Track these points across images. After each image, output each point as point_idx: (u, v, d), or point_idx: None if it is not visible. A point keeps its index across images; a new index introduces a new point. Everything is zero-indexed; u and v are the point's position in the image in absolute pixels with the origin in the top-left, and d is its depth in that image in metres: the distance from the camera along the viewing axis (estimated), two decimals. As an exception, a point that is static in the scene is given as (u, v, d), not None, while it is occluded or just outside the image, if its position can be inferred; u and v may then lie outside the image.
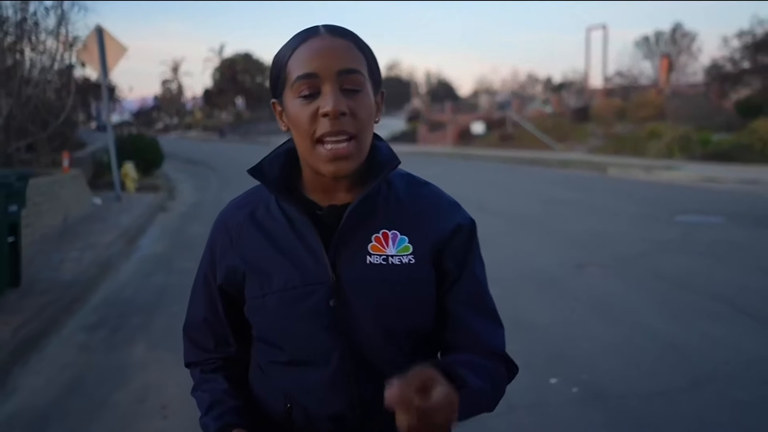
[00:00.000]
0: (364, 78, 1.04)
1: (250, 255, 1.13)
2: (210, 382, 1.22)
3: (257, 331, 1.16)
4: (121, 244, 7.95)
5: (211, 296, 1.21)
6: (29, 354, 4.39)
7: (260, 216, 1.15)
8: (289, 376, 1.12)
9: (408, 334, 1.10)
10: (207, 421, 1.15)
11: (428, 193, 1.17)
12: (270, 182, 1.11)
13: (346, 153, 1.01)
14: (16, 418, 3.48)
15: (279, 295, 1.09)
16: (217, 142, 47.50)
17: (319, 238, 1.07)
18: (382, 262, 1.08)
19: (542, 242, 7.71)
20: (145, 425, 3.34)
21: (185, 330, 1.28)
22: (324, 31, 1.05)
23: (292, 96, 1.04)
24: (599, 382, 3.58)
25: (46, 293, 5.56)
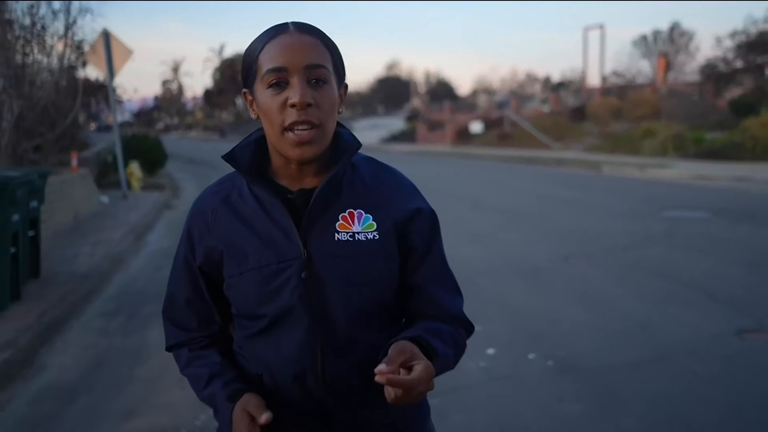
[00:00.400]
0: (328, 72, 1.14)
1: (226, 237, 1.20)
2: (203, 357, 1.28)
3: (235, 307, 1.23)
4: (131, 240, 8.33)
5: (193, 278, 1.27)
6: (53, 337, 4.76)
7: (234, 201, 1.22)
8: (262, 345, 1.20)
9: (371, 305, 1.19)
10: (212, 392, 1.21)
11: (390, 176, 1.27)
12: (242, 168, 1.19)
13: (310, 139, 1.10)
14: (47, 390, 3.85)
15: (255, 272, 1.16)
16: (218, 142, 47.82)
17: (290, 218, 1.15)
18: (349, 238, 1.17)
19: (533, 236, 8.07)
20: (164, 396, 3.71)
21: (166, 314, 1.33)
22: (293, 28, 1.14)
23: (262, 87, 1.13)
24: (573, 357, 3.96)
25: (64, 284, 5.93)
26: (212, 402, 1.23)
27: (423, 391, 1.03)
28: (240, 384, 1.20)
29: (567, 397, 3.44)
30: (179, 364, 1.32)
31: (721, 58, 26.21)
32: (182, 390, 3.76)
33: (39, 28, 11.68)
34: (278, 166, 1.20)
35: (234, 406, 1.15)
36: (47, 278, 6.06)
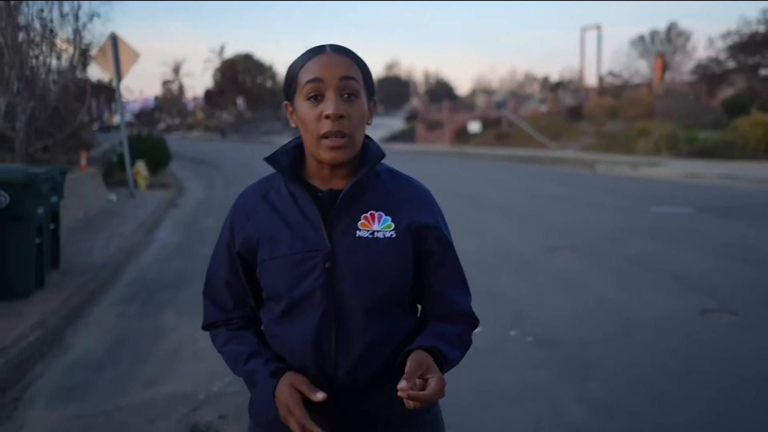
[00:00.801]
0: (359, 86, 1.29)
1: (262, 227, 1.35)
2: (240, 337, 1.42)
3: (265, 290, 1.38)
4: (141, 235, 8.75)
5: (233, 263, 1.41)
6: (77, 320, 5.18)
7: (272, 197, 1.38)
8: (284, 326, 1.34)
9: (384, 297, 1.32)
10: (252, 368, 1.34)
11: (409, 185, 1.42)
12: (281, 168, 1.36)
13: (342, 145, 1.26)
14: (76, 365, 4.27)
15: (285, 258, 1.31)
16: (219, 142, 48.21)
17: (319, 214, 1.30)
18: (368, 235, 1.30)
19: (523, 230, 8.50)
20: (181, 368, 4.14)
21: (206, 293, 1.49)
22: (329, 49, 1.30)
23: (301, 99, 1.29)
24: (550, 334, 4.39)
25: (82, 274, 6.36)
26: (251, 378, 1.35)
27: (437, 399, 1.19)
28: (280, 363, 1.33)
29: (542, 367, 3.87)
30: (216, 342, 1.47)
31: (713, 58, 26.63)
32: (197, 363, 4.20)
33: (48, 32, 12.13)
34: (312, 168, 1.36)
35: (277, 383, 1.27)
36: (66, 269, 6.48)
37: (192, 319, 5.11)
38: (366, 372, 1.31)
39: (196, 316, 4.91)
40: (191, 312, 5.29)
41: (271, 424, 1.31)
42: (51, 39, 12.12)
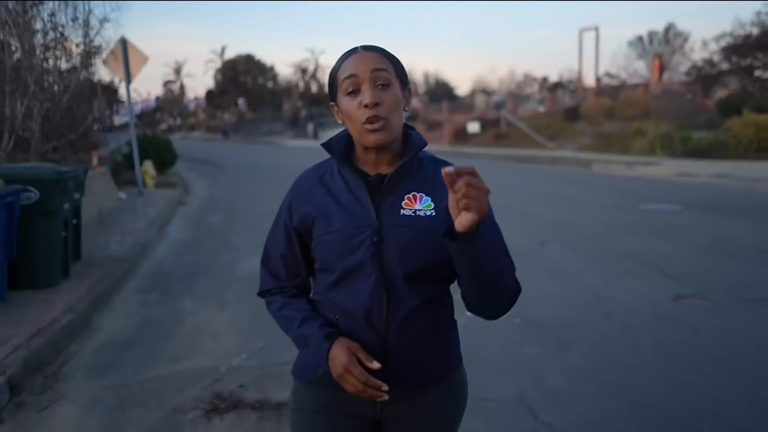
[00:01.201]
0: (391, 76, 1.45)
1: (318, 205, 1.51)
2: (294, 304, 1.58)
3: (319, 262, 1.53)
4: (153, 231, 9.18)
5: (289, 238, 1.58)
6: (102, 307, 5.62)
7: (326, 180, 1.55)
8: (339, 292, 1.49)
9: (424, 266, 1.46)
10: (306, 331, 1.49)
11: (445, 165, 1.49)
12: (335, 154, 1.53)
13: (380, 128, 1.41)
14: (105, 345, 4.70)
15: (338, 233, 1.46)
16: (221, 142, 48.61)
17: (368, 195, 1.47)
18: (411, 213, 1.46)
19: (516, 225, 8.92)
20: (202, 346, 4.57)
21: (264, 263, 1.65)
22: (361, 48, 1.48)
23: (342, 95, 1.46)
24: (537, 317, 4.82)
25: (103, 265, 6.79)
26: (304, 340, 1.50)
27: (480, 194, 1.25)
28: (333, 328, 1.47)
29: (527, 344, 4.30)
30: (271, 308, 1.63)
31: (707, 60, 27.08)
32: (216, 343, 4.63)
33: (59, 35, 12.55)
34: (361, 155, 1.53)
35: (331, 345, 1.43)
36: (86, 261, 6.90)
37: (208, 306, 5.55)
38: (410, 331, 1.46)
39: (211, 304, 5.37)
40: (207, 300, 5.73)
41: (320, 380, 1.49)
42: (62, 42, 12.57)
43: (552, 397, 3.50)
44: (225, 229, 9.79)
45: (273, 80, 69.48)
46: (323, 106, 60.36)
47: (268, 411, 3.47)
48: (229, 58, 69.62)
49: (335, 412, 1.55)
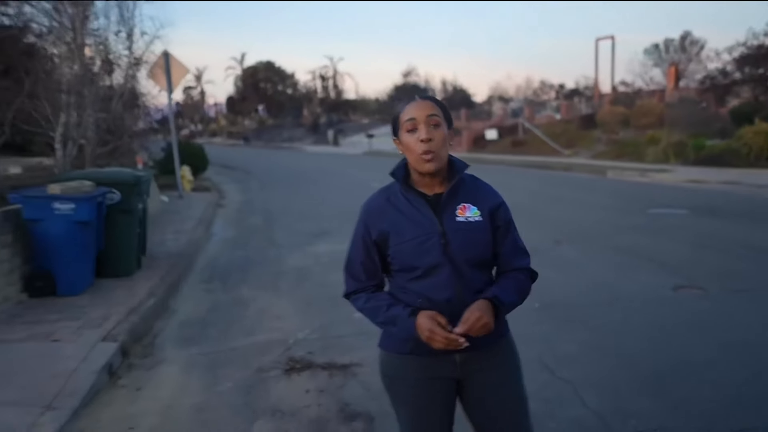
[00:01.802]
0: (440, 119, 1.94)
1: (391, 221, 1.97)
2: (377, 297, 2.04)
3: (398, 265, 1.98)
4: (201, 231, 10.08)
5: (367, 248, 2.02)
6: (175, 293, 6.49)
7: (392, 200, 2.00)
8: (421, 284, 1.96)
9: (478, 258, 1.98)
10: (393, 313, 1.95)
11: (484, 185, 2.09)
12: (399, 180, 2.00)
13: (432, 158, 1.91)
14: (185, 323, 5.56)
15: (411, 241, 1.94)
16: (243, 147, 49.65)
17: (430, 209, 1.96)
18: (464, 220, 1.96)
19: (531, 226, 9.64)
20: (269, 324, 5.41)
21: (347, 269, 2.09)
22: (418, 97, 1.98)
23: (403, 132, 1.95)
24: (553, 301, 5.61)
25: (167, 259, 7.67)
26: (393, 320, 1.95)
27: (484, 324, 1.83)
28: (412, 308, 1.93)
29: (544, 322, 5.10)
30: (357, 304, 2.07)
31: (721, 69, 27.64)
32: (281, 321, 5.48)
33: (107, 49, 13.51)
34: (418, 179, 2.01)
35: (416, 319, 1.88)
36: (151, 255, 7.78)
37: (265, 293, 6.41)
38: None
39: (268, 292, 6.26)
40: (263, 288, 6.59)
41: (412, 351, 1.98)
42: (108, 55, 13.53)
43: (565, 360, 4.30)
44: (265, 228, 10.66)
45: (293, 87, 70.58)
46: (342, 112, 61.35)
47: (336, 370, 4.30)
48: (250, 65, 70.86)
49: (422, 375, 2.01)
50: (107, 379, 4.24)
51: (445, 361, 1.99)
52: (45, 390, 3.86)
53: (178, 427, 3.61)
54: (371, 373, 4.16)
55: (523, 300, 2.05)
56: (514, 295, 2.00)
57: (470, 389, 2.06)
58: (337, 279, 5.15)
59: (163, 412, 3.79)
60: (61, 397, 3.78)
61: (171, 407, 3.86)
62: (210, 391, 4.07)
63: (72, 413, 3.64)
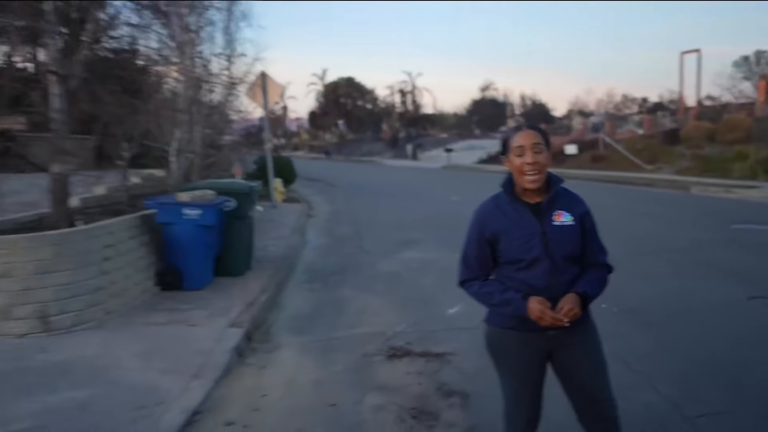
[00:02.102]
0: (543, 146, 2.51)
1: (501, 224, 2.55)
2: (490, 284, 2.61)
3: (506, 259, 2.55)
4: (297, 238, 10.91)
5: (481, 245, 2.60)
6: (281, 291, 7.25)
7: (501, 207, 2.58)
8: (526, 273, 2.51)
9: (570, 254, 2.52)
10: (507, 297, 2.51)
11: (575, 196, 2.64)
12: (507, 191, 2.58)
13: (536, 179, 2.49)
14: (295, 316, 6.28)
15: (518, 240, 2.50)
16: (325, 161, 51.14)
17: (533, 215, 2.52)
18: (560, 224, 2.52)
19: (615, 239, 9.94)
20: (369, 319, 6.06)
21: (464, 261, 2.66)
22: (525, 127, 2.57)
23: (513, 155, 2.52)
24: (632, 307, 6.01)
25: (271, 262, 8.49)
26: (507, 302, 2.51)
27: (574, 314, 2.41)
28: (523, 294, 2.49)
29: (621, 325, 5.53)
30: (471, 290, 2.65)
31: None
32: (379, 317, 6.12)
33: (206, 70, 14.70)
34: (521, 191, 2.58)
35: (527, 302, 2.45)
36: (257, 259, 8.60)
37: (362, 293, 7.07)
38: (566, 293, 2.48)
39: (365, 292, 6.99)
40: (360, 289, 7.26)
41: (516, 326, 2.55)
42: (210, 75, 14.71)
43: (640, 356, 4.74)
44: (355, 237, 11.39)
45: (372, 102, 72.01)
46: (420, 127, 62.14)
47: (432, 357, 4.90)
48: (331, 81, 72.77)
49: (521, 346, 2.60)
50: (237, 358, 4.97)
51: (539, 335, 2.57)
52: (190, 363, 4.64)
53: (301, 396, 4.29)
54: (464, 360, 4.77)
55: (603, 290, 2.61)
56: (597, 288, 2.58)
57: (560, 358, 2.64)
58: (426, 283, 6.11)
59: (286, 385, 4.48)
60: (203, 369, 4.54)
61: (293, 382, 4.55)
62: (324, 371, 4.75)
63: (214, 382, 4.39)
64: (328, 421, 3.88)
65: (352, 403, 4.13)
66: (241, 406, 4.12)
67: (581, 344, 2.63)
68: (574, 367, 2.63)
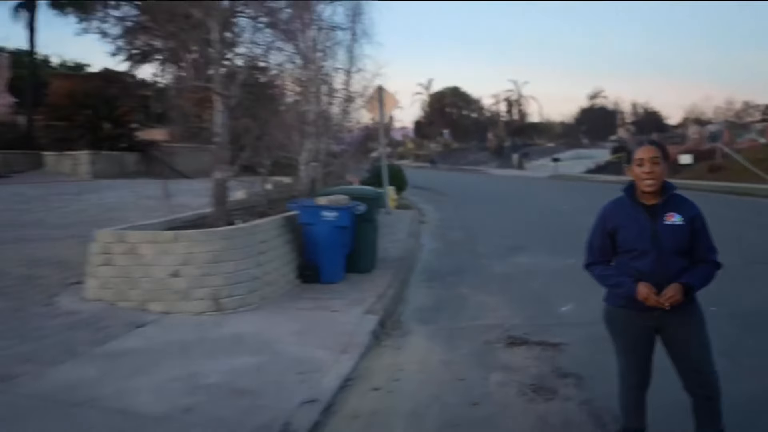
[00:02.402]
0: (660, 159, 3.02)
1: (619, 220, 3.12)
2: (609, 268, 3.19)
3: (623, 249, 3.10)
4: (413, 241, 11.68)
5: (603, 236, 3.18)
6: (404, 288, 8.01)
7: (622, 206, 3.13)
8: (637, 262, 3.03)
9: (678, 249, 3.01)
10: (621, 280, 3.07)
11: (687, 200, 3.11)
12: (628, 194, 3.12)
13: (653, 185, 3.02)
14: (419, 308, 7.00)
15: (635, 233, 3.05)
16: (430, 170, 51.95)
17: (647, 215, 3.05)
18: (670, 224, 3.01)
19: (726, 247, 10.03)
20: (487, 313, 6.69)
21: (589, 248, 3.25)
22: (646, 143, 3.12)
23: (634, 165, 3.06)
24: (740, 311, 6.30)
25: (392, 262, 9.28)
26: (620, 284, 3.09)
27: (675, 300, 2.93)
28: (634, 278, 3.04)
29: (729, 326, 5.85)
30: (594, 271, 3.25)
31: None
32: (496, 312, 6.74)
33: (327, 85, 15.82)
34: (640, 195, 3.11)
35: (637, 286, 2.98)
36: (379, 259, 9.42)
37: (479, 292, 7.71)
38: (674, 280, 2.97)
39: (481, 290, 7.71)
40: (477, 288, 7.90)
41: (626, 305, 3.10)
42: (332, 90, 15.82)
43: (744, 352, 5.11)
44: (466, 242, 12.04)
45: (478, 111, 72.27)
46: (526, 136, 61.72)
47: (548, 346, 5.48)
48: (436, 91, 73.69)
49: (632, 321, 3.15)
50: (374, 340, 5.75)
51: (647, 315, 3.12)
52: (337, 341, 5.46)
53: (434, 372, 5.00)
54: (578, 350, 5.32)
55: (707, 283, 3.09)
56: (702, 281, 3.07)
57: (667, 334, 3.19)
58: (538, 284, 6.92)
59: (420, 363, 5.21)
60: (349, 347, 5.35)
61: (425, 360, 5.27)
62: (451, 353, 5.43)
63: (359, 357, 5.18)
64: (459, 391, 4.56)
65: (478, 379, 4.79)
66: (384, 376, 4.88)
67: (685, 325, 3.13)
68: (678, 342, 3.15)
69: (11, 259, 7.70)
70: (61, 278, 6.93)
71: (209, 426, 3.80)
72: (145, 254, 6.15)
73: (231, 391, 4.33)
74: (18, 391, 4.22)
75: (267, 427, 3.79)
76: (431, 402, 4.36)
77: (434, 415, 4.14)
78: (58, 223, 10.56)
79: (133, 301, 6.11)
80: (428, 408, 4.26)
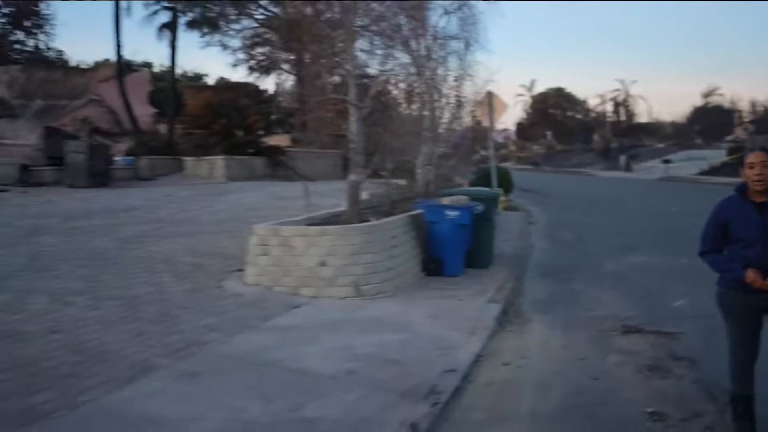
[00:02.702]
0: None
1: (731, 214, 3.62)
2: (720, 256, 3.70)
3: (735, 239, 3.59)
4: (523, 241, 12.22)
5: (716, 227, 3.68)
6: (520, 282, 8.60)
7: (734, 203, 3.64)
8: (746, 251, 3.52)
9: None
10: (731, 266, 3.57)
11: None
12: (741, 192, 3.62)
13: (762, 186, 3.50)
14: (535, 300, 7.58)
15: (745, 227, 3.55)
16: (533, 172, 51.56)
17: (757, 211, 3.54)
18: None
19: None
20: (602, 306, 7.18)
21: (704, 238, 3.73)
22: (758, 150, 3.66)
23: (746, 168, 3.56)
24: None
25: (507, 259, 9.89)
26: (731, 269, 3.58)
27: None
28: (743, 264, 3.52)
29: None
30: (707, 258, 3.73)
31: None
32: (609, 305, 7.23)
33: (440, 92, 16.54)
34: (751, 193, 3.58)
35: (746, 271, 3.46)
36: (495, 255, 10.05)
37: (592, 287, 8.20)
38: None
39: (594, 286, 8.36)
40: (589, 284, 8.38)
41: (736, 288, 3.57)
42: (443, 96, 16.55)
43: None
44: (576, 242, 12.43)
45: (583, 112, 70.87)
46: (634, 137, 59.95)
47: (662, 334, 5.95)
48: (539, 92, 72.80)
49: (741, 303, 3.60)
50: (498, 326, 6.42)
51: (754, 296, 3.61)
52: (465, 325, 6.17)
53: (555, 352, 5.61)
54: (691, 338, 5.78)
55: None
56: None
57: None
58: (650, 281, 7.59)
59: (542, 345, 5.84)
60: (477, 329, 6.05)
61: (546, 343, 5.89)
62: (570, 338, 6.02)
63: (487, 338, 5.87)
64: (580, 368, 5.16)
65: (597, 359, 5.37)
66: (511, 354, 5.55)
67: None
68: None
69: (180, 250, 8.96)
70: (224, 266, 8.07)
71: (371, 385, 4.61)
72: (297, 246, 7.12)
73: (383, 360, 5.15)
74: (214, 352, 5.23)
75: (417, 388, 4.56)
76: (556, 376, 5.00)
77: (560, 386, 4.78)
78: (209, 220, 11.93)
79: (287, 286, 7.09)
80: (554, 380, 4.91)
